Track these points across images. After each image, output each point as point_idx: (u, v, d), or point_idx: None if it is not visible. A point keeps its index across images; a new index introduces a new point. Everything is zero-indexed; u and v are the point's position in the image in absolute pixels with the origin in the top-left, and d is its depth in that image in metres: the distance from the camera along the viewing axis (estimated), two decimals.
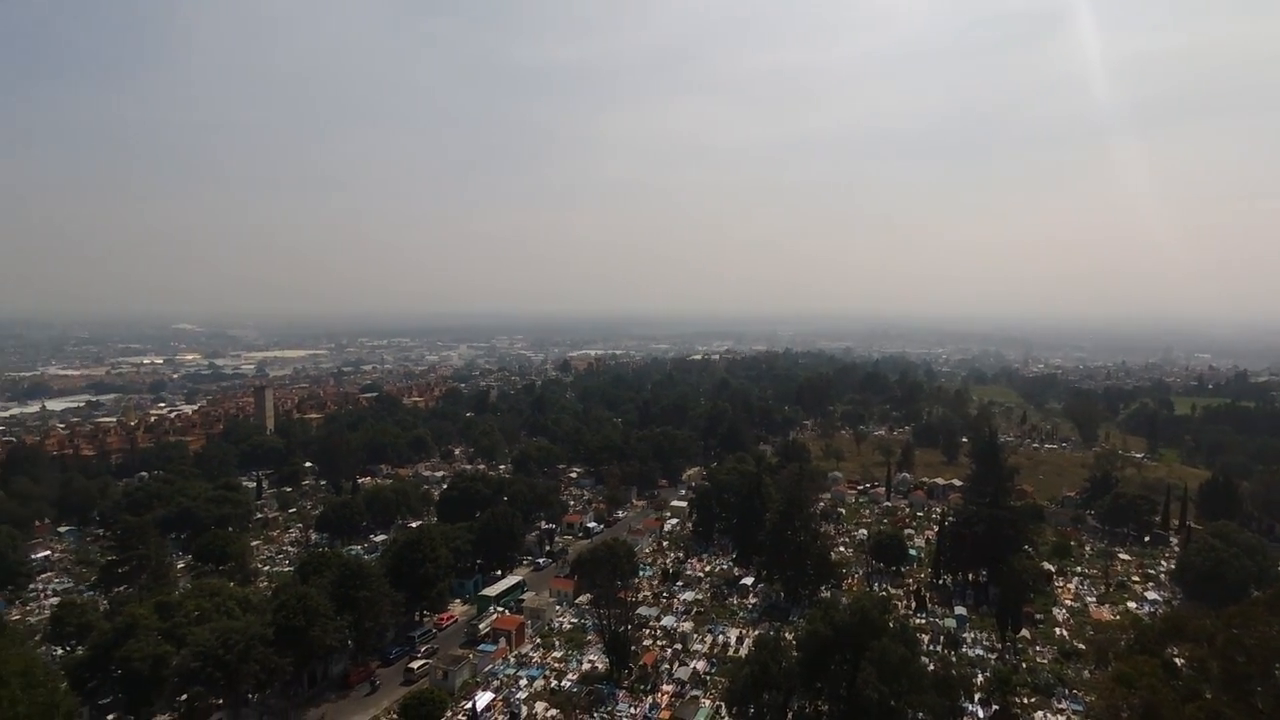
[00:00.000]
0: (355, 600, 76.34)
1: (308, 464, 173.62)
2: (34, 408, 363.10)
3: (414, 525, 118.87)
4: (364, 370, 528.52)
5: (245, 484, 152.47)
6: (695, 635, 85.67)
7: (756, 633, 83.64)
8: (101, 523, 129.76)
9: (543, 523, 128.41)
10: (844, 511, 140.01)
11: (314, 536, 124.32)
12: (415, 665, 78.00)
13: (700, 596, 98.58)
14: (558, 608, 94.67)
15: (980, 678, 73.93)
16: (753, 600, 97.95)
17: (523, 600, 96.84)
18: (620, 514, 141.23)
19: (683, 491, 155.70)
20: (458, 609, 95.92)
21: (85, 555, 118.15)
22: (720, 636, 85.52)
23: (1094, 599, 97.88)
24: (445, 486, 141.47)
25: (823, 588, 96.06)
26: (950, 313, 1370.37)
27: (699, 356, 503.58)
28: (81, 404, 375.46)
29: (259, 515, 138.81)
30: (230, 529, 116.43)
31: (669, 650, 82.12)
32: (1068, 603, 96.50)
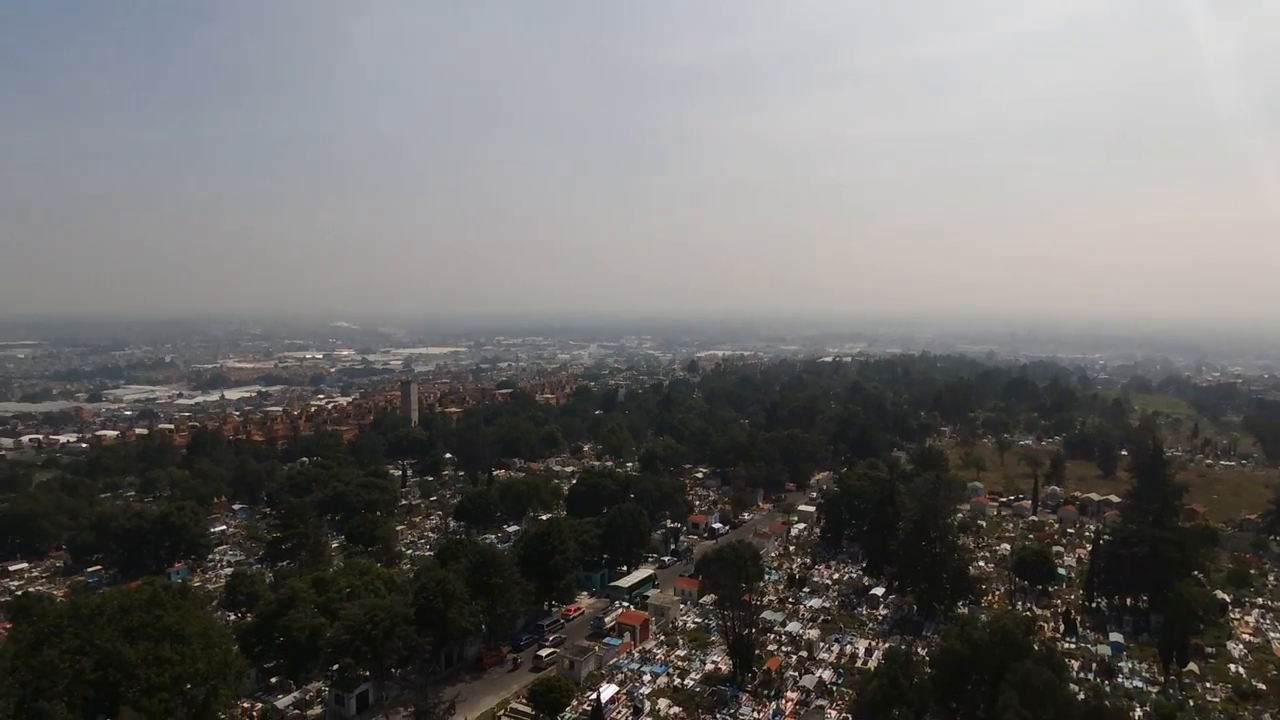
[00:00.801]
0: (489, 587, 79.75)
1: (448, 455, 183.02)
2: (214, 396, 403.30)
3: (544, 518, 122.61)
4: (500, 367, 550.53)
5: (392, 472, 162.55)
6: (821, 644, 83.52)
7: (887, 645, 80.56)
8: (268, 502, 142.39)
9: (668, 521, 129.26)
10: (984, 524, 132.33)
11: (452, 524, 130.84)
12: (544, 653, 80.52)
13: (827, 604, 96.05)
14: (682, 606, 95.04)
15: (1139, 712, 67.84)
16: (883, 611, 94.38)
17: (648, 596, 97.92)
18: (746, 516, 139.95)
19: (811, 496, 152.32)
20: (584, 601, 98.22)
21: (255, 531, 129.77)
22: (848, 647, 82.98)
23: (1278, 636, 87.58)
24: (574, 481, 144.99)
25: (960, 603, 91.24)
26: (1108, 314, 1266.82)
27: (829, 359, 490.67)
28: (253, 394, 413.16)
29: (403, 502, 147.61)
30: (378, 514, 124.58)
31: (794, 657, 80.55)
32: (1246, 637, 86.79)
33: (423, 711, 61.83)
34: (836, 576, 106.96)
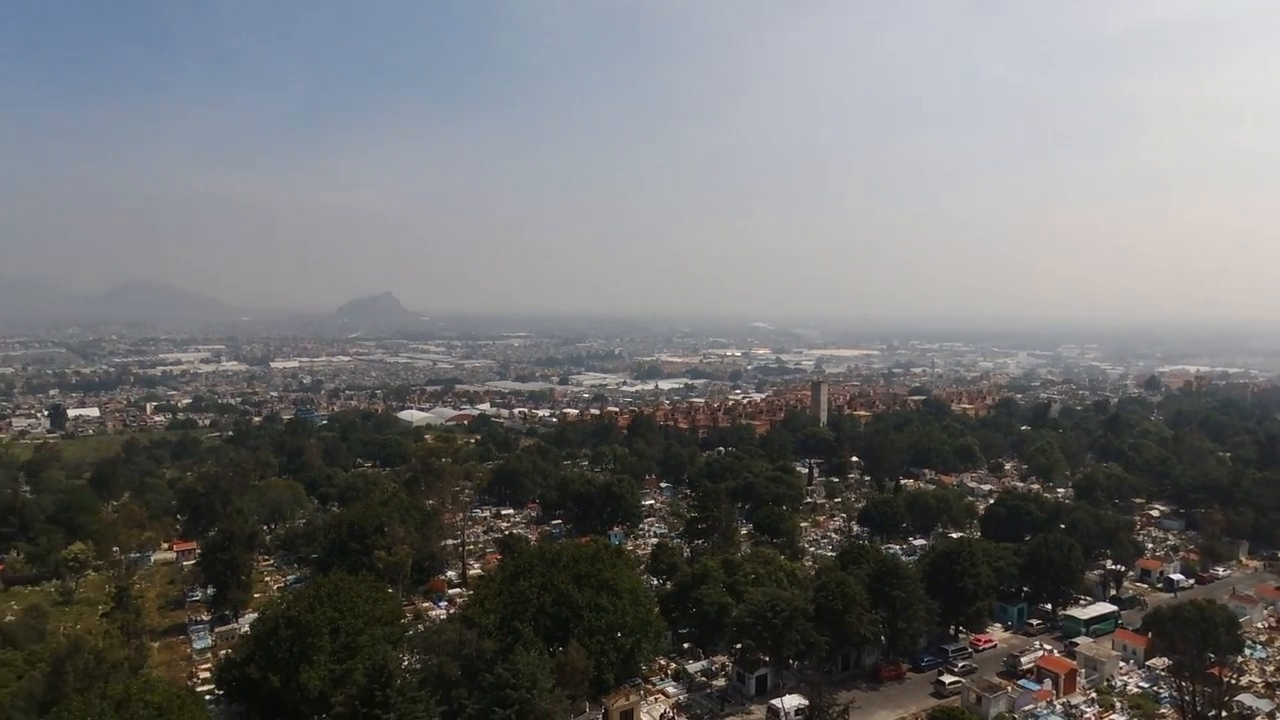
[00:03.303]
0: (890, 598, 77.27)
1: (854, 458, 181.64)
2: (650, 385, 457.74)
3: (954, 535, 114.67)
4: (913, 372, 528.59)
5: (799, 469, 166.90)
6: None
7: None
8: (689, 484, 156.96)
9: (1108, 562, 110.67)
10: None
11: (855, 528, 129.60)
12: (947, 680, 75.30)
13: None
14: (1121, 664, 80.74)
15: None
16: None
17: (1075, 642, 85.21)
18: (1221, 571, 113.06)
19: None
20: (998, 634, 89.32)
21: (676, 508, 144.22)
22: None
23: None
24: (992, 501, 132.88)
25: None
26: None
27: None
28: (680, 385, 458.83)
29: (808, 500, 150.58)
30: (784, 507, 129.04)
31: None
32: None
33: (817, 708, 62.46)
34: None
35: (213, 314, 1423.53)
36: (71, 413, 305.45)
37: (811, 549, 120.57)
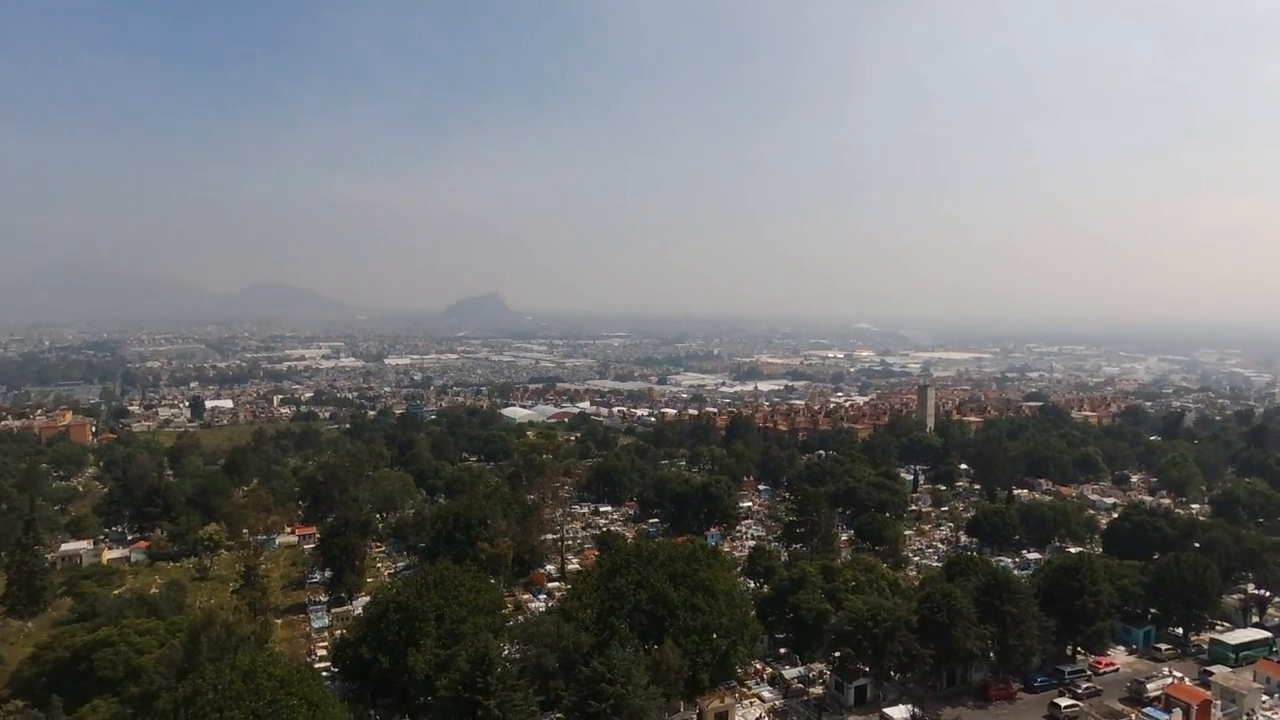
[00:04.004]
0: (1000, 613, 73.56)
1: (963, 465, 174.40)
2: (749, 386, 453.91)
3: (1073, 550, 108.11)
4: (1029, 377, 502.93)
5: (903, 475, 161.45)
6: None
7: None
8: (788, 487, 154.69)
9: (1250, 586, 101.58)
10: None
11: (963, 538, 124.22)
12: (1063, 703, 70.95)
13: None
14: (1265, 698, 73.97)
15: None
16: None
17: (1210, 671, 78.62)
18: None
19: None
20: (1120, 657, 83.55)
21: (774, 511, 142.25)
22: None
23: None
24: (1115, 515, 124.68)
25: None
26: None
27: None
28: (780, 387, 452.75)
29: (913, 507, 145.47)
30: (886, 514, 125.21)
31: None
32: None
33: None
34: None
35: (333, 313, 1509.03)
36: (209, 404, 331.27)
37: (915, 558, 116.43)
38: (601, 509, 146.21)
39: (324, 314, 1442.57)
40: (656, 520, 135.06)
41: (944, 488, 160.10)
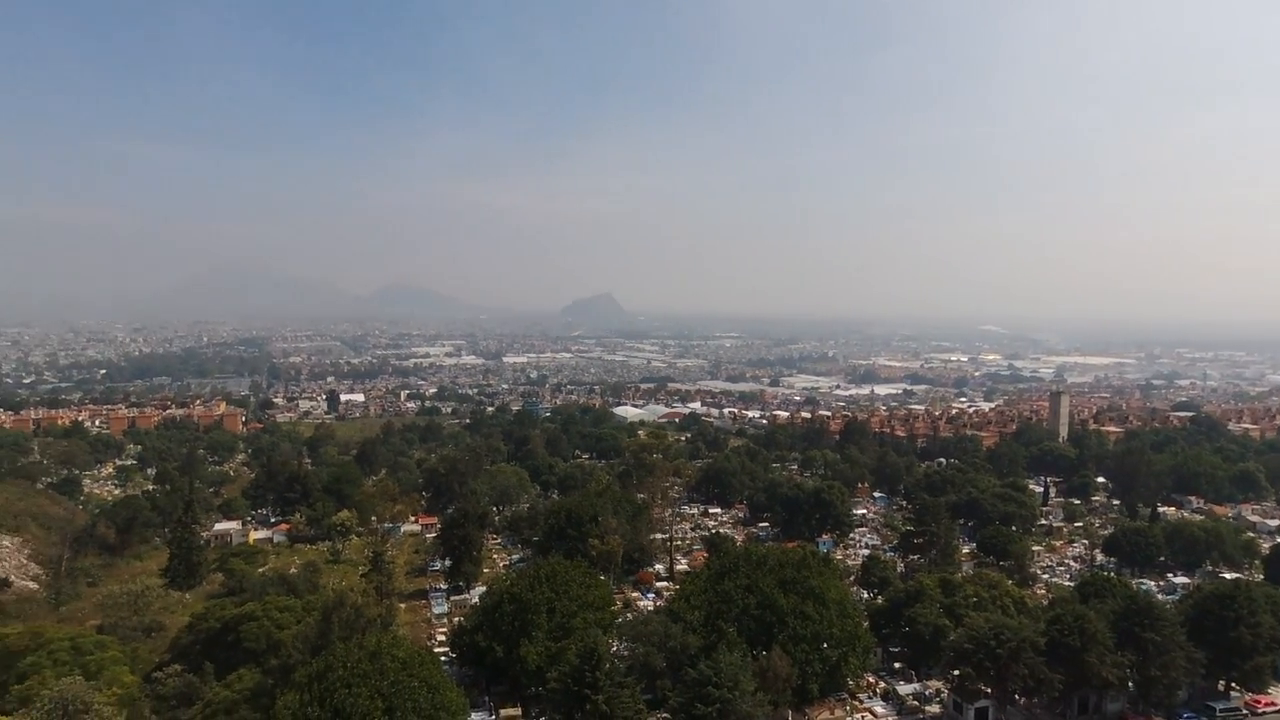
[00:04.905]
0: (1141, 640, 68.02)
1: (1100, 479, 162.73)
2: (865, 390, 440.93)
3: (1228, 576, 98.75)
4: (1179, 385, 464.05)
5: (1032, 487, 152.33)
6: None
7: None
8: (905, 496, 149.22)
9: None
10: None
11: (1099, 557, 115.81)
12: None
13: None
14: None
15: None
16: None
17: None
18: None
19: None
20: None
21: (890, 520, 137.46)
22: None
23: None
24: (1279, 540, 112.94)
25: None
26: None
27: None
28: (899, 391, 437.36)
29: (1042, 521, 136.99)
30: (1013, 528, 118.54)
31: None
32: None
33: None
34: None
35: (456, 312, 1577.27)
36: (343, 398, 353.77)
37: (1045, 576, 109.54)
38: (711, 510, 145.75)
39: (448, 313, 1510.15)
40: (766, 524, 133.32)
41: (1078, 502, 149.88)
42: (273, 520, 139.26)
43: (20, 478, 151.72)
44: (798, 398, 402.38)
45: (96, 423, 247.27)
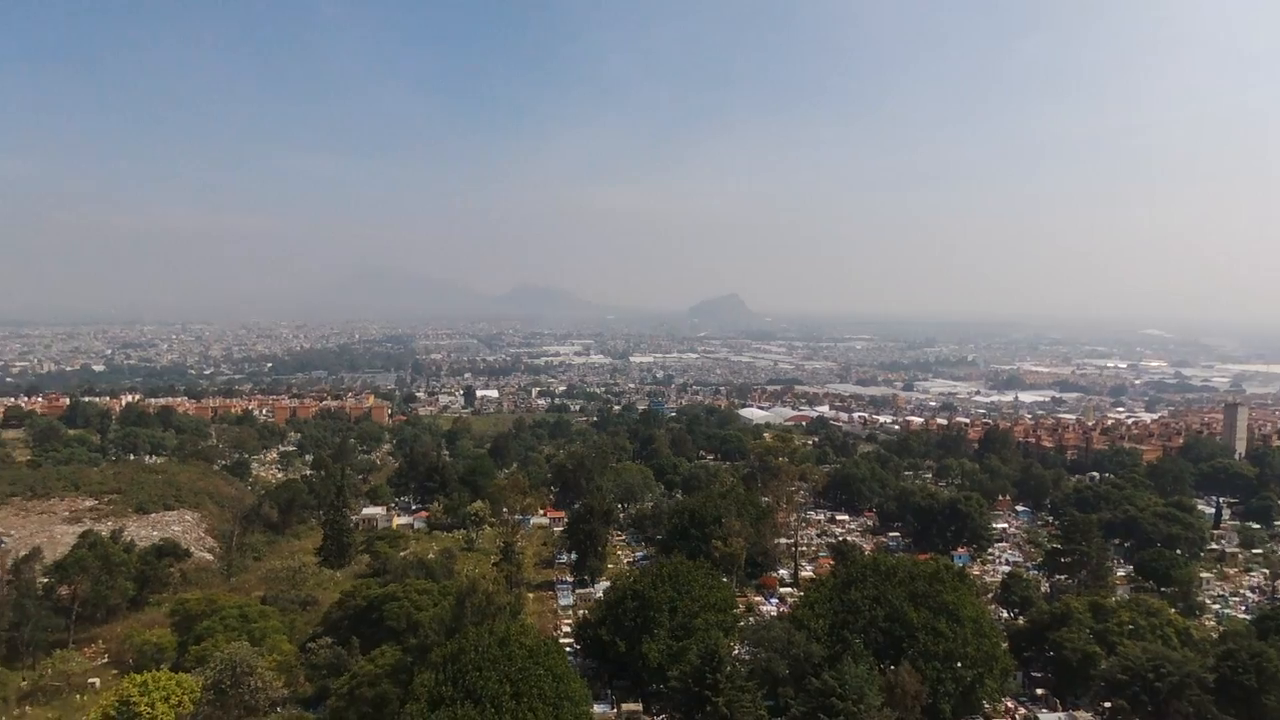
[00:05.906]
0: None
1: None
2: (1008, 397, 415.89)
3: None
4: None
5: (1200, 508, 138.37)
6: None
7: None
8: (1051, 510, 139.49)
9: None
10: None
11: None
12: None
13: None
14: None
15: None
16: None
17: None
18: None
19: None
20: None
21: (1034, 536, 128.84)
22: None
23: None
24: None
25: None
26: None
27: None
28: (1046, 399, 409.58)
29: (1213, 546, 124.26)
30: (1177, 551, 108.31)
31: None
32: None
33: None
34: None
35: (585, 312, 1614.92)
36: (479, 393, 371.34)
37: (1215, 607, 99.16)
38: (838, 517, 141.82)
39: (577, 313, 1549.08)
40: (897, 534, 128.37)
41: (1258, 526, 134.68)
42: (413, 507, 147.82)
43: (200, 459, 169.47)
44: (933, 403, 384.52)
45: (264, 411, 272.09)
